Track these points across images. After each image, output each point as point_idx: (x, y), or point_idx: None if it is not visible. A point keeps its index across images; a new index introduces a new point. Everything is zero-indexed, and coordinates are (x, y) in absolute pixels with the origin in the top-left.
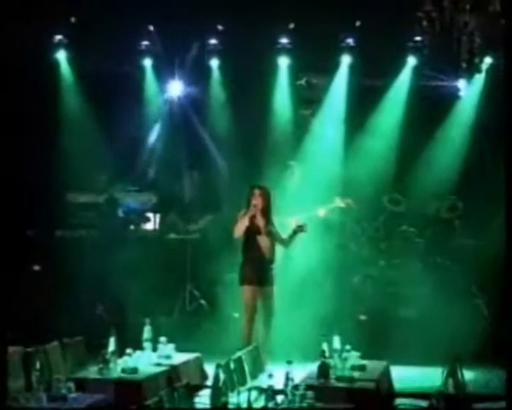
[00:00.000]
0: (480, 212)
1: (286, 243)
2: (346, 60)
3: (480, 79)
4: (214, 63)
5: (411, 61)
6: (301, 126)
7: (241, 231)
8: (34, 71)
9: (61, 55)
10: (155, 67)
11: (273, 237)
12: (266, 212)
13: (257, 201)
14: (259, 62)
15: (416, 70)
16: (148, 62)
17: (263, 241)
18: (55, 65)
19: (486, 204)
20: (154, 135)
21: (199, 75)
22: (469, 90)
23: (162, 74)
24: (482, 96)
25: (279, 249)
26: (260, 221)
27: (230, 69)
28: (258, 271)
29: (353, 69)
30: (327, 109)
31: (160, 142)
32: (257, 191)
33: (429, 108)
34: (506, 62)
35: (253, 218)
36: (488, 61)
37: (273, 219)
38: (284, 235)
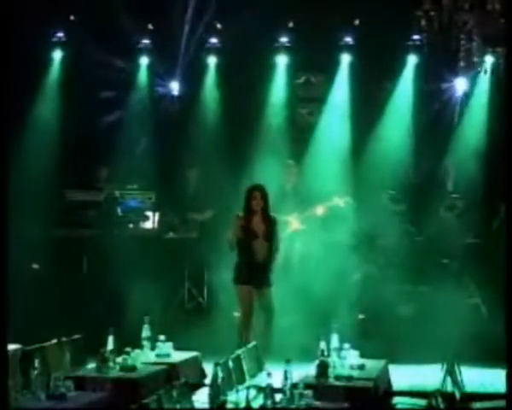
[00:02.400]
0: (479, 211)
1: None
2: (345, 58)
3: (485, 78)
4: (212, 61)
5: (412, 59)
6: (299, 125)
7: (237, 238)
8: (32, 67)
9: (57, 55)
10: (153, 66)
11: (272, 239)
12: (265, 214)
13: (255, 204)
14: (258, 61)
15: (418, 68)
16: (144, 60)
17: (259, 245)
18: (50, 62)
19: (486, 203)
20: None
21: (196, 73)
22: (474, 90)
23: (160, 73)
24: (487, 95)
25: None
26: (259, 225)
27: (228, 67)
28: (253, 272)
29: (354, 67)
30: (331, 109)
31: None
32: (257, 194)
33: (431, 108)
34: (506, 62)
35: (249, 222)
36: (490, 59)
37: (275, 218)
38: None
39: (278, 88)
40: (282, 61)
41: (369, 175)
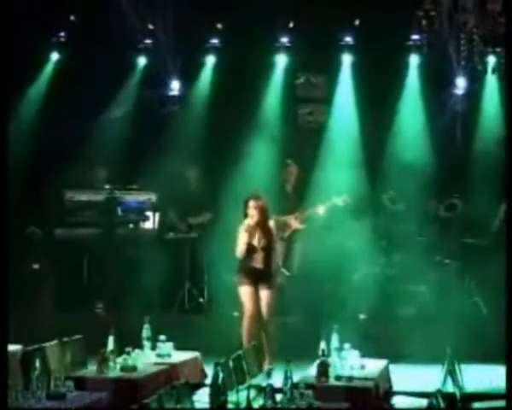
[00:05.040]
0: (479, 211)
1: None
2: (346, 59)
3: (485, 78)
4: (211, 61)
5: (412, 59)
6: (300, 125)
7: (243, 251)
8: (31, 66)
9: (56, 55)
10: (152, 65)
11: (271, 247)
12: (262, 225)
13: (252, 215)
14: (258, 61)
15: (419, 68)
16: (143, 60)
17: (257, 256)
18: (48, 62)
19: (486, 203)
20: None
21: (196, 73)
22: (475, 90)
23: (159, 72)
24: (488, 95)
25: (278, 248)
26: (257, 237)
27: (228, 67)
28: (255, 276)
29: (355, 67)
30: (336, 110)
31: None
32: (252, 204)
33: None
34: (506, 62)
35: (249, 233)
36: (491, 59)
37: (272, 228)
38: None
39: (278, 88)
40: (281, 61)
41: (374, 174)
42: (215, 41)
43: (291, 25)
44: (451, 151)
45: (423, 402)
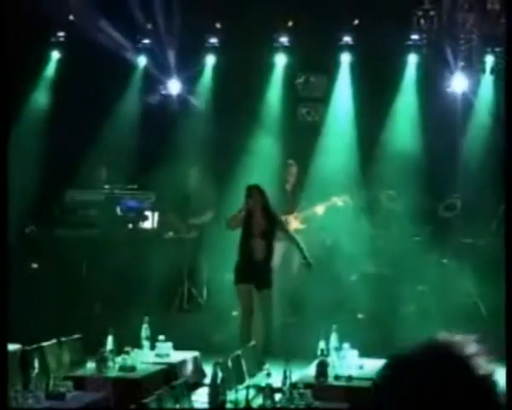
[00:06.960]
0: (479, 210)
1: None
2: (345, 58)
3: (485, 78)
4: (211, 61)
5: (412, 59)
6: (299, 125)
7: (232, 226)
8: (32, 65)
9: (56, 54)
10: (152, 65)
11: (271, 237)
12: (266, 212)
13: (254, 200)
14: (257, 60)
15: (419, 68)
16: (143, 60)
17: (258, 243)
18: (49, 61)
19: (486, 203)
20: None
21: (195, 73)
22: (475, 90)
23: (159, 72)
24: (489, 95)
25: (277, 248)
26: (258, 223)
27: (227, 67)
28: (252, 271)
29: (354, 67)
30: (335, 109)
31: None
32: (254, 191)
33: (432, 108)
34: (506, 62)
35: (248, 220)
36: (490, 59)
37: (277, 217)
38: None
39: (277, 88)
40: (281, 60)
41: (372, 173)
42: (215, 41)
43: (290, 24)
44: (451, 151)
45: None
